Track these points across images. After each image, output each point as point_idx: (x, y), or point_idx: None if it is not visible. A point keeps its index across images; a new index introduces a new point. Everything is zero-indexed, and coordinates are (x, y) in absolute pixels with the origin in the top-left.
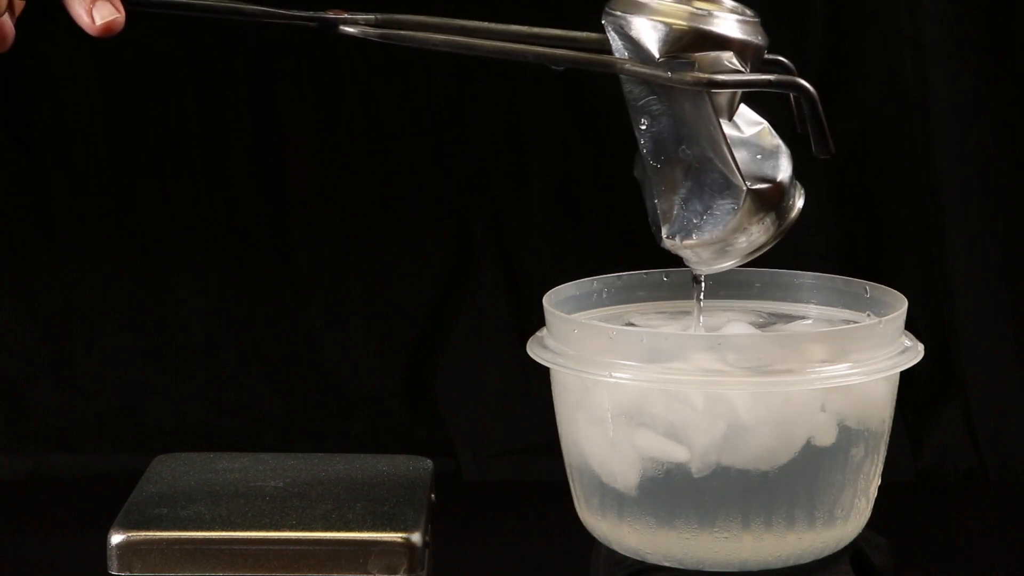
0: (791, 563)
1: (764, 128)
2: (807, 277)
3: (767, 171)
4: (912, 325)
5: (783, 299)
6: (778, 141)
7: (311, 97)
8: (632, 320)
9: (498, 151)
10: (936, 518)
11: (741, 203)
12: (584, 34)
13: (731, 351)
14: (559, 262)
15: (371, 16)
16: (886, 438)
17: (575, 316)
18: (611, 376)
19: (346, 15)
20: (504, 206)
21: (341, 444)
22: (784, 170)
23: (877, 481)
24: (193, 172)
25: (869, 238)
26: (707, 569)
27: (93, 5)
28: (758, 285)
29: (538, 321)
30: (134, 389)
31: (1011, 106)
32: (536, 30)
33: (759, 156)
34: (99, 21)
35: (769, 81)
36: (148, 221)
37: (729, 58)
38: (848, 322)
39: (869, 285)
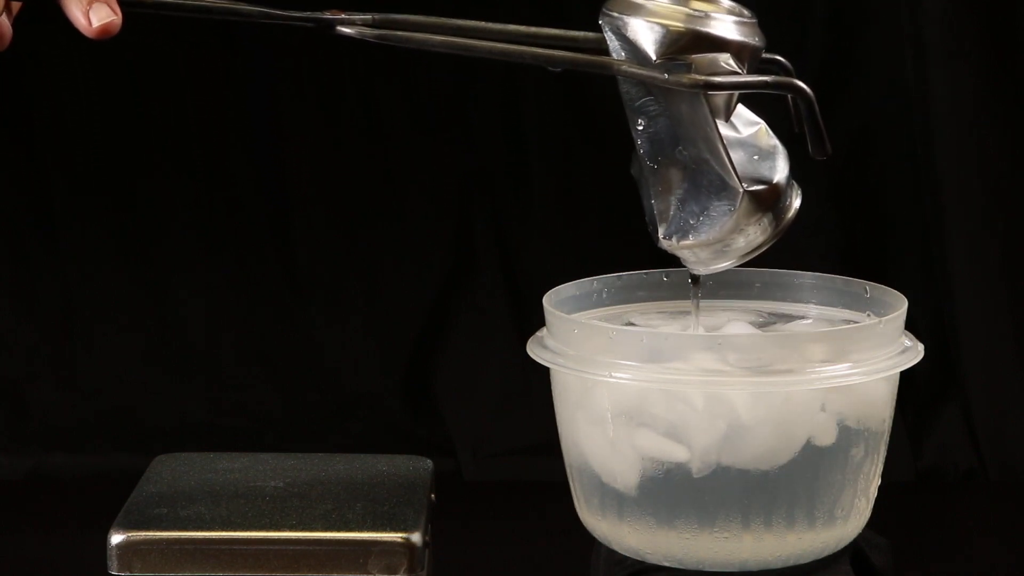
0: (791, 563)
1: (761, 128)
2: (807, 277)
3: (764, 172)
4: (912, 325)
5: (783, 299)
6: (775, 141)
7: (311, 97)
8: (632, 320)
9: (498, 151)
10: (936, 518)
11: (737, 205)
12: (582, 34)
13: (731, 351)
14: (559, 262)
15: (368, 16)
16: (886, 438)
17: (575, 316)
18: (611, 376)
19: (343, 15)
20: (504, 206)
21: (341, 444)
22: (781, 171)
23: (877, 481)
24: (193, 172)
25: (869, 238)
26: (707, 569)
27: (90, 7)
28: (758, 285)
29: (538, 321)
30: (134, 389)
31: (1011, 106)
32: (534, 30)
33: (756, 157)
34: (96, 23)
35: (766, 82)
36: (148, 221)
37: (726, 59)
38: (848, 322)
39: (869, 285)
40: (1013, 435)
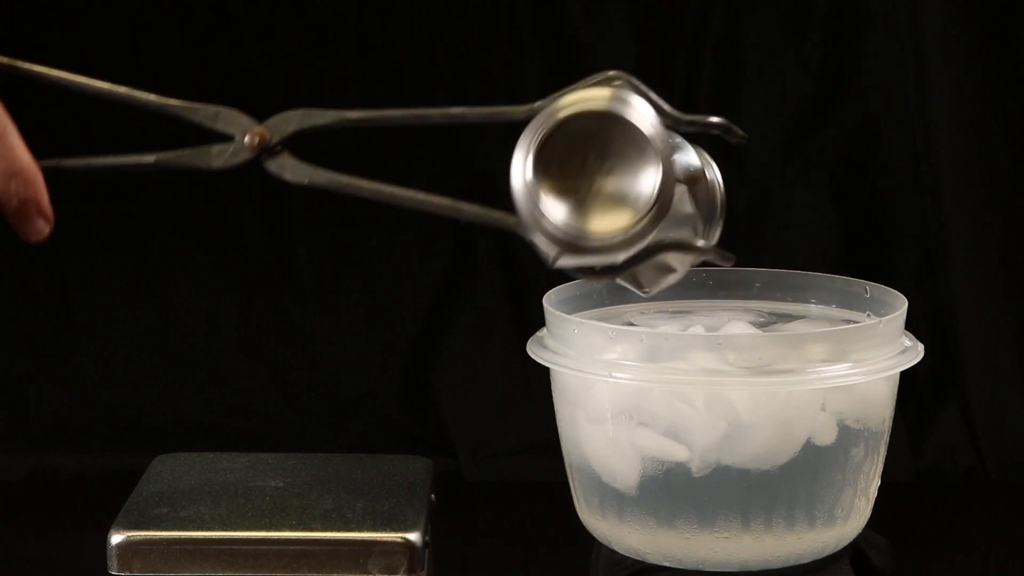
0: (791, 563)
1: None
2: (807, 277)
3: (672, 265)
4: (912, 325)
5: (783, 299)
6: (689, 209)
7: (311, 97)
8: (632, 320)
9: (498, 151)
10: (936, 518)
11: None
12: (523, 109)
13: (731, 351)
14: None
15: (294, 128)
16: (886, 438)
17: (575, 316)
18: (611, 376)
19: (268, 139)
20: (504, 206)
21: (341, 444)
22: (687, 261)
23: (877, 481)
24: (193, 172)
25: (869, 238)
26: (707, 569)
27: (26, 223)
28: (758, 285)
29: (538, 321)
30: (134, 389)
31: (1011, 106)
32: (462, 112)
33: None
34: (29, 238)
35: (664, 249)
36: (148, 221)
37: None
38: (848, 322)
39: (869, 285)
40: (1013, 435)
